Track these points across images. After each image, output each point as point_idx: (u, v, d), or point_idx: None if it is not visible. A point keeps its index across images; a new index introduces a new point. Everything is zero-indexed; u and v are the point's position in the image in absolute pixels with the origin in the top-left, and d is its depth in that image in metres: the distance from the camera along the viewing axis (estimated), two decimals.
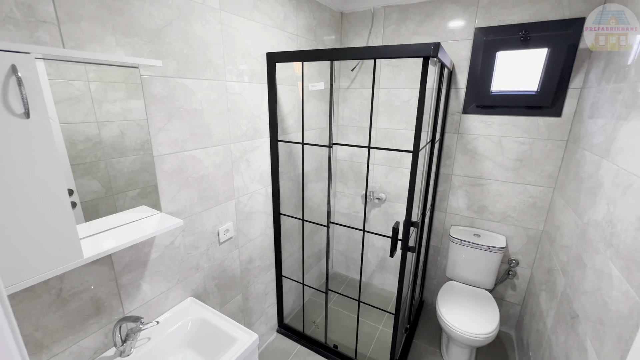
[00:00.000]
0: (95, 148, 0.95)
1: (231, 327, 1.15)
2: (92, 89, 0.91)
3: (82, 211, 0.93)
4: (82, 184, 0.93)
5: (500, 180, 1.86)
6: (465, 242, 1.89)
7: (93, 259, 0.82)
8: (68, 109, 0.87)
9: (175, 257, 1.22)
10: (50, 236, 0.73)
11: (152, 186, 1.09)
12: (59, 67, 0.82)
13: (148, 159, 1.06)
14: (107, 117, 0.95)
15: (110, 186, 1.01)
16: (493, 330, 1.59)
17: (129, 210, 1.04)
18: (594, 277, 1.05)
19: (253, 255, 1.67)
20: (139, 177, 1.07)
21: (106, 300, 1.01)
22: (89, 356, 0.99)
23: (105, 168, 0.98)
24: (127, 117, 1.02)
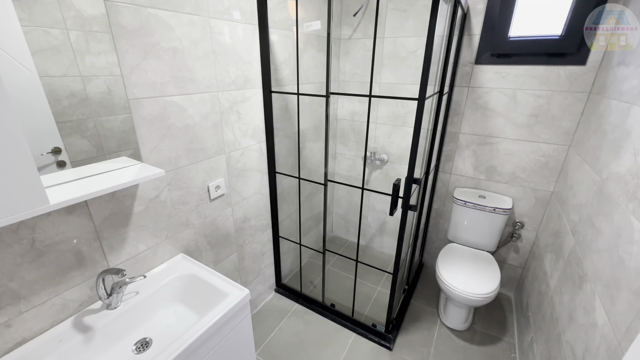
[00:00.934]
0: (82, 105, 0.89)
1: (222, 282, 1.11)
2: (72, 39, 0.84)
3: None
4: (71, 142, 0.88)
5: (511, 139, 1.73)
6: (470, 203, 1.81)
7: (60, 206, 0.74)
8: (48, 61, 0.80)
9: (162, 212, 1.16)
10: (7, 181, 0.65)
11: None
12: (32, 10, 0.76)
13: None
14: (91, 71, 0.89)
15: (101, 146, 0.95)
16: (492, 290, 1.56)
17: (107, 161, 0.96)
18: (610, 234, 0.97)
19: (248, 214, 1.61)
20: (132, 137, 1.01)
21: (88, 253, 0.96)
22: (74, 308, 0.96)
23: (94, 127, 0.93)
24: (114, 72, 0.94)
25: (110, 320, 0.97)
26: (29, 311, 0.86)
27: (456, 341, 1.73)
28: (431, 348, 1.68)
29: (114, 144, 0.98)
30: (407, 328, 1.80)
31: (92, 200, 0.94)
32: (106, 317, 0.97)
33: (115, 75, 0.94)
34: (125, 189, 1.02)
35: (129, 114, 0.99)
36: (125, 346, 0.97)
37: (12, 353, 0.83)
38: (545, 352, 1.27)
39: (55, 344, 0.87)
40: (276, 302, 1.97)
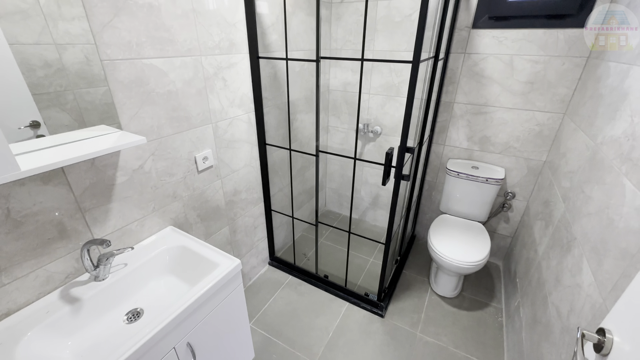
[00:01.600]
0: (59, 76, 0.84)
1: (213, 253, 1.10)
2: (41, 2, 0.77)
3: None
4: (50, 116, 0.83)
5: (506, 107, 1.70)
6: (463, 174, 1.80)
7: (32, 173, 0.70)
8: (16, 26, 0.74)
9: (146, 184, 1.12)
10: None
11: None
12: None
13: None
14: (66, 38, 0.83)
15: (82, 120, 0.90)
16: (482, 258, 1.59)
17: (84, 129, 0.90)
18: (601, 197, 0.96)
19: (238, 187, 1.58)
20: (115, 111, 0.96)
21: (70, 224, 0.93)
22: (60, 281, 0.94)
23: (74, 100, 0.88)
24: (91, 40, 0.87)
25: (98, 292, 0.95)
26: (11, 283, 0.83)
27: (446, 307, 1.78)
28: (421, 314, 1.73)
29: (96, 117, 0.93)
30: (398, 296, 1.84)
31: (70, 169, 0.89)
32: (94, 288, 0.95)
33: (92, 44, 0.88)
34: (106, 158, 0.97)
35: (106, 86, 0.93)
36: (117, 316, 0.97)
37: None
38: (531, 314, 1.31)
39: (42, 315, 0.85)
40: (270, 275, 1.99)
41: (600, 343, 0.55)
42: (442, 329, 1.65)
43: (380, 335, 1.61)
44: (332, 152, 2.42)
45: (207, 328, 1.01)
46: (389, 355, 1.51)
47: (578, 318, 0.91)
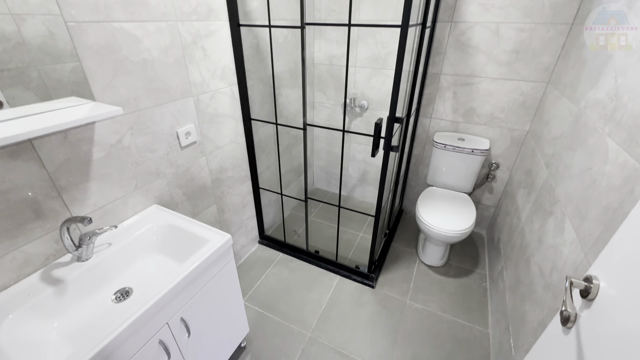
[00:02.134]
0: (19, 51, 0.76)
1: (202, 229, 1.07)
2: None
3: None
4: (13, 95, 0.77)
5: (492, 78, 1.70)
6: (449, 146, 1.82)
7: None
8: None
9: (127, 160, 1.06)
10: None
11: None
12: None
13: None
14: (24, 8, 0.75)
15: (51, 99, 0.82)
16: (469, 227, 1.63)
17: (52, 101, 0.83)
18: (583, 160, 0.99)
19: (224, 164, 1.54)
20: (86, 89, 0.89)
21: (45, 203, 0.87)
22: (39, 262, 0.89)
23: (39, 77, 0.80)
24: (53, 11, 0.79)
25: (82, 272, 0.91)
26: None
27: (433, 276, 1.84)
28: (410, 283, 1.79)
29: (65, 95, 0.85)
30: (388, 268, 1.89)
31: (41, 144, 0.83)
32: (78, 269, 0.91)
33: (54, 15, 0.79)
34: (80, 132, 0.91)
35: (78, 62, 0.85)
36: (105, 296, 0.94)
37: None
38: (514, 276, 1.37)
39: (24, 297, 0.81)
40: (260, 253, 1.98)
41: (587, 289, 0.57)
42: (430, 296, 1.71)
43: (371, 305, 1.65)
44: (321, 133, 2.39)
45: (200, 304, 1.00)
46: (380, 323, 1.56)
47: (560, 274, 0.95)
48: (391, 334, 1.50)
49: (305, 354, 1.41)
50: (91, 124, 0.92)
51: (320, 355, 1.40)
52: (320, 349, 1.43)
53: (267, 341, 1.46)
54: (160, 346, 0.88)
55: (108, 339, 0.72)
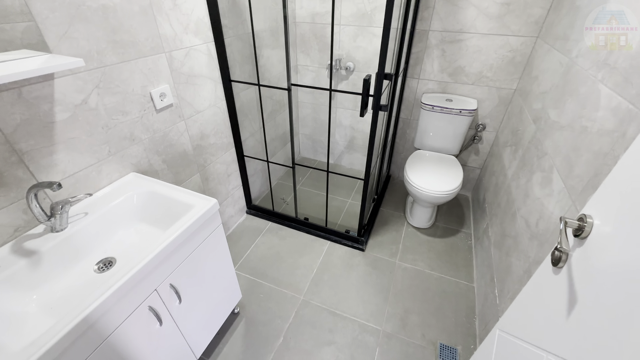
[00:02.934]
0: None
1: (186, 195, 1.02)
2: None
3: None
4: None
5: (481, 33, 1.64)
6: (437, 107, 1.78)
7: None
8: None
9: (95, 122, 0.97)
10: None
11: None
12: None
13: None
14: None
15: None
16: (456, 187, 1.65)
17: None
18: (574, 109, 0.98)
19: (205, 130, 1.45)
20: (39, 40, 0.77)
21: (6, 169, 0.78)
22: (8, 234, 0.83)
23: None
24: None
25: (58, 243, 0.85)
26: None
27: (421, 237, 1.89)
28: (399, 245, 1.82)
29: (14, 50, 0.74)
30: (377, 231, 1.91)
31: None
32: (53, 239, 0.85)
33: None
34: (36, 89, 0.80)
35: (31, 21, 0.73)
36: (86, 267, 0.89)
37: None
38: (500, 231, 1.41)
39: None
40: (249, 223, 1.96)
41: (581, 228, 0.57)
42: (419, 255, 1.76)
43: (362, 266, 1.68)
44: (305, 99, 2.30)
45: (189, 270, 0.97)
46: (371, 283, 1.59)
47: (547, 223, 0.97)
48: (382, 292, 1.55)
49: (299, 315, 1.43)
50: (49, 77, 0.82)
51: (314, 316, 1.43)
52: (313, 310, 1.46)
53: (261, 305, 1.47)
54: (151, 312, 0.85)
55: (92, 306, 0.68)
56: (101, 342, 0.73)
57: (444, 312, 1.47)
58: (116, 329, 0.76)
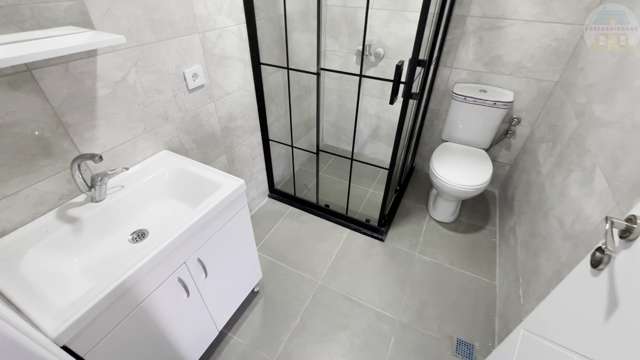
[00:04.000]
0: None
1: (214, 174, 1.04)
2: None
3: None
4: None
5: (524, 20, 1.54)
6: (470, 98, 1.71)
7: None
8: None
9: (133, 99, 1.00)
10: None
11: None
12: None
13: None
14: None
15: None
16: (485, 181, 1.59)
17: (47, 29, 0.75)
18: (625, 103, 0.91)
19: (233, 112, 1.47)
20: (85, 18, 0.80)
21: (53, 140, 0.83)
22: (54, 201, 0.89)
23: (33, 16, 0.72)
24: None
25: (97, 212, 0.91)
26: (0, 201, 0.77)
27: (443, 231, 1.85)
28: (420, 237, 1.80)
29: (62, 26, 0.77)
30: (398, 223, 1.90)
31: (42, 75, 0.77)
32: (92, 209, 0.91)
33: None
34: (82, 65, 0.84)
35: None
36: (121, 236, 0.94)
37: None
38: (528, 230, 1.36)
39: (42, 234, 0.81)
40: (270, 206, 1.99)
41: (629, 229, 0.54)
42: (439, 249, 1.73)
43: (380, 256, 1.68)
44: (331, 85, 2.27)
45: (215, 246, 1.01)
46: (389, 273, 1.59)
47: (584, 224, 0.92)
48: (399, 283, 1.54)
49: (316, 299, 1.46)
50: (93, 54, 0.85)
51: (331, 301, 1.46)
52: (330, 295, 1.48)
53: (279, 286, 1.51)
54: (180, 284, 0.90)
55: (128, 272, 0.72)
56: (135, 307, 0.77)
57: (462, 307, 1.45)
58: (148, 296, 0.80)
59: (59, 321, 0.62)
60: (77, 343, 0.65)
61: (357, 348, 1.28)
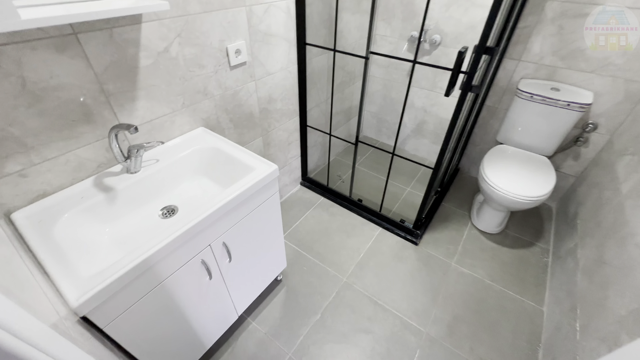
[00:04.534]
0: None
1: (248, 157, 1.00)
2: None
3: None
4: None
5: (625, 6, 1.28)
6: (538, 96, 1.49)
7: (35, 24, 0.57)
8: None
9: (174, 72, 0.98)
10: None
11: None
12: None
13: None
14: None
15: None
16: (544, 194, 1.40)
17: None
18: None
19: (273, 94, 1.41)
20: None
21: (94, 107, 0.83)
22: (92, 169, 0.89)
23: None
24: None
25: (132, 184, 0.90)
26: (42, 164, 0.79)
27: (485, 242, 1.68)
28: (458, 246, 1.65)
29: None
30: (435, 227, 1.75)
31: (86, 39, 0.75)
32: (127, 180, 0.90)
33: None
34: (125, 32, 0.82)
35: None
36: (152, 211, 0.93)
37: (36, 204, 0.80)
38: (595, 255, 1.16)
39: (78, 199, 0.82)
40: (301, 194, 1.94)
41: None
42: (480, 262, 1.57)
43: (412, 261, 1.57)
44: (378, 72, 2.12)
45: (242, 231, 0.97)
46: (420, 280, 1.48)
47: None
48: (431, 292, 1.42)
49: (339, 296, 1.40)
50: (137, 21, 0.83)
51: (355, 301, 1.38)
52: (354, 294, 1.41)
53: (303, 278, 1.47)
54: (203, 266, 0.87)
55: (155, 248, 0.70)
56: (157, 284, 0.76)
57: (500, 330, 1.30)
58: (171, 275, 0.79)
59: (82, 291, 0.61)
60: (97, 315, 0.64)
61: (378, 356, 1.20)
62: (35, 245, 0.69)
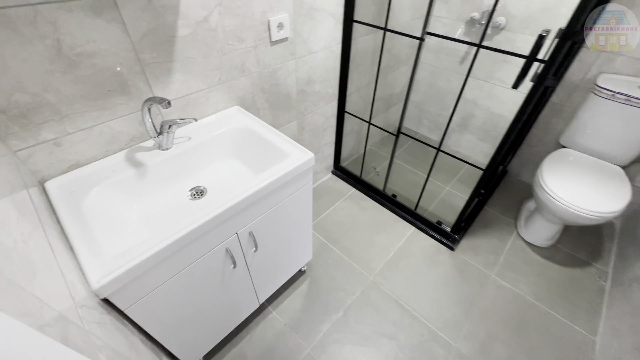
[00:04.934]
0: None
1: (283, 142, 0.92)
2: None
3: None
4: None
5: None
6: (621, 95, 1.27)
7: None
8: None
9: (212, 45, 0.91)
10: None
11: None
12: None
13: None
14: None
15: None
16: (618, 210, 1.21)
17: None
18: None
19: (313, 75, 1.32)
20: None
21: (129, 77, 0.79)
22: (125, 142, 0.87)
23: None
24: None
25: (162, 160, 0.87)
26: (76, 133, 0.76)
27: (532, 255, 1.51)
28: (500, 257, 1.49)
29: None
30: (475, 232, 1.60)
31: (124, 2, 0.70)
32: (158, 156, 0.87)
33: None
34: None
35: None
36: (180, 190, 0.90)
37: (69, 173, 0.78)
38: None
39: (109, 172, 0.80)
40: (332, 184, 1.86)
41: None
42: (523, 276, 1.42)
43: (446, 267, 1.45)
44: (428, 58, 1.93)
45: (271, 220, 0.91)
46: (453, 288, 1.36)
47: None
48: (464, 304, 1.31)
49: (364, 296, 1.32)
50: None
51: (381, 302, 1.30)
52: (381, 295, 1.33)
53: (327, 271, 1.41)
54: (227, 254, 0.83)
55: (183, 231, 0.66)
56: (182, 269, 0.73)
57: (542, 356, 1.16)
58: (195, 261, 0.75)
59: (105, 271, 0.58)
60: (119, 297, 0.62)
61: None
62: (64, 218, 0.67)
